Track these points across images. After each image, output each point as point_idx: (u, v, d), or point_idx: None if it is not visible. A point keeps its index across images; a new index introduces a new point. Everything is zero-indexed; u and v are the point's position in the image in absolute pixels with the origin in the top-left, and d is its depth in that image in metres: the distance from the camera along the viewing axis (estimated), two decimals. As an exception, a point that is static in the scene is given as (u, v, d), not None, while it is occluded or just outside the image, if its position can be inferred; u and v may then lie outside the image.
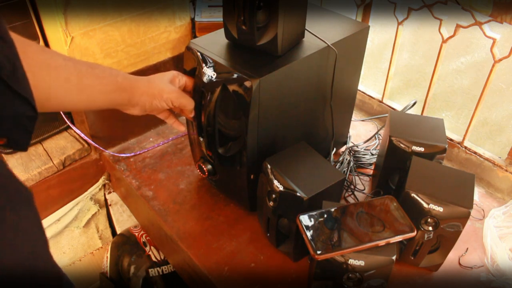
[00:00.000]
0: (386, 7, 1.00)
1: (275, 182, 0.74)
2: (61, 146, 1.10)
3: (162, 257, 1.11)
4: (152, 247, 1.13)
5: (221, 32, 0.79)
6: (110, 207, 1.27)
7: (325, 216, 0.67)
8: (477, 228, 0.88)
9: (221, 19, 0.77)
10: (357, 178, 0.98)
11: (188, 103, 0.78)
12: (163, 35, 1.04)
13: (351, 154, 1.02)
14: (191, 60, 0.79)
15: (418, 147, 0.80)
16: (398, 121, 0.85)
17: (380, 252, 0.63)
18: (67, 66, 0.63)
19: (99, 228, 1.29)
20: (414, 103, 1.01)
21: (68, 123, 1.09)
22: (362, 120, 1.15)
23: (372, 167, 1.01)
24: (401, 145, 0.81)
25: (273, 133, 0.81)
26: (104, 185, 1.26)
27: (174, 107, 0.79)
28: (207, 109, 0.77)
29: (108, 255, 1.16)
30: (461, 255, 0.83)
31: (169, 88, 0.75)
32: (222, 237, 0.86)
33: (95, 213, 1.26)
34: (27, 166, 1.05)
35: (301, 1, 0.75)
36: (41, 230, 0.39)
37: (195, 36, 1.08)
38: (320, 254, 0.62)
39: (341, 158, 1.00)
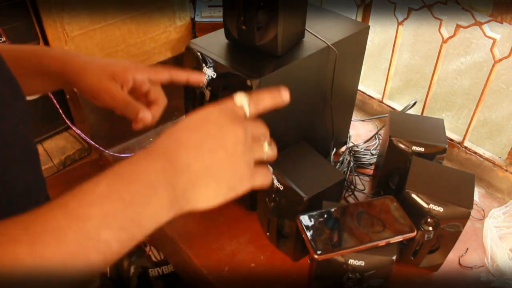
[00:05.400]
0: (386, 7, 1.00)
1: (275, 182, 0.74)
2: (61, 146, 1.10)
3: (162, 257, 1.11)
4: (152, 247, 1.13)
5: (221, 32, 0.79)
6: (110, 207, 1.27)
7: (325, 216, 0.67)
8: (477, 228, 0.88)
9: (221, 19, 0.77)
10: (357, 178, 0.98)
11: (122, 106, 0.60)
12: (163, 35, 1.04)
13: (351, 154, 1.02)
14: (191, 60, 0.79)
15: (418, 147, 0.80)
16: (398, 121, 0.85)
17: (380, 252, 0.63)
18: None
19: (99, 228, 1.29)
20: (414, 103, 1.01)
21: (68, 123, 1.08)
22: (362, 120, 1.15)
23: (372, 167, 1.01)
24: (401, 145, 0.81)
25: (273, 133, 0.80)
26: (104, 185, 1.25)
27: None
28: (207, 109, 0.77)
29: (108, 255, 1.15)
30: (461, 255, 0.83)
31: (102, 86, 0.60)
32: (222, 237, 0.86)
33: (95, 213, 1.26)
34: (27, 166, 1.05)
35: (301, 1, 0.75)
36: None
37: (195, 36, 1.08)
38: (320, 254, 0.62)
39: (341, 158, 1.00)
